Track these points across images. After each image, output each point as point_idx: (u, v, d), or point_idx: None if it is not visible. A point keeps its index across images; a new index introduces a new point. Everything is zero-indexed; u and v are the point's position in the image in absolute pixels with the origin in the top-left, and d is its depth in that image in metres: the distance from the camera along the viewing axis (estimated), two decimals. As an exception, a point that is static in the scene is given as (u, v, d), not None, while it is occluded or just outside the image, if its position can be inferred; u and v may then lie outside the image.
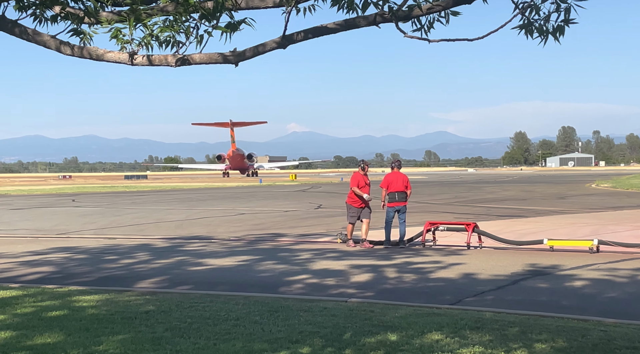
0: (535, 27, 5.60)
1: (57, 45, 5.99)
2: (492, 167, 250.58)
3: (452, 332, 6.73)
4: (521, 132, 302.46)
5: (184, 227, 21.30)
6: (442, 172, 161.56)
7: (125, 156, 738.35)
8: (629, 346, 6.25)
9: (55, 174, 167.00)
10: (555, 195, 38.41)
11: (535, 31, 5.61)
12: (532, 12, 5.57)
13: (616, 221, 20.40)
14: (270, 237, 17.54)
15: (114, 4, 6.03)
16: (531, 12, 5.57)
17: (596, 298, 9.12)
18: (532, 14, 5.58)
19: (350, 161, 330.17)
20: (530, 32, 5.62)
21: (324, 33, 5.86)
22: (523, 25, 5.62)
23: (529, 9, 5.56)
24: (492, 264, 12.07)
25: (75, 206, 34.62)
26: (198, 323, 7.21)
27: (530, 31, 5.62)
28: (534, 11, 5.57)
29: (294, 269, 11.81)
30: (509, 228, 18.21)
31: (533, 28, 5.61)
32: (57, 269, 12.38)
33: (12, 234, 19.56)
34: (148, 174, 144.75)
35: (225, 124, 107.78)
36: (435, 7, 5.72)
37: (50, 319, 7.52)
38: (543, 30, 5.59)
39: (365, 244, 15.20)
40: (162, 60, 5.81)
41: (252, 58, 5.88)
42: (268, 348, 6.19)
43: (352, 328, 6.96)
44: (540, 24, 5.58)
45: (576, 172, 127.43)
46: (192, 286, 10.31)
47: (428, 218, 19.19)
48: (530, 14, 5.58)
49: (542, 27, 5.58)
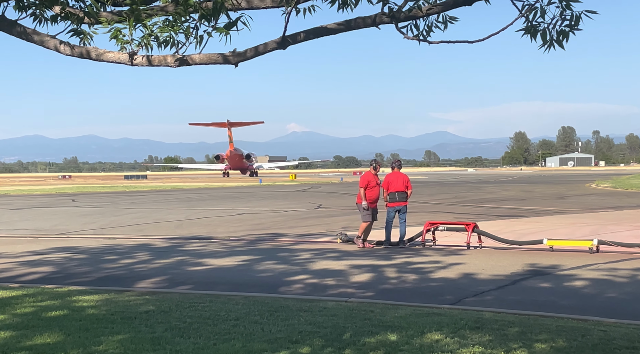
0: (539, 31, 5.58)
1: (57, 45, 5.99)
2: (491, 167, 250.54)
3: (452, 332, 6.73)
4: (521, 132, 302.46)
5: (183, 227, 21.30)
6: (441, 172, 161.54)
7: (125, 156, 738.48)
8: (628, 346, 6.26)
9: (55, 174, 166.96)
10: (555, 195, 38.41)
11: (539, 35, 5.59)
12: (536, 15, 5.56)
13: (616, 221, 20.39)
14: (270, 237, 17.54)
15: (114, 4, 6.03)
16: (535, 15, 5.56)
17: (596, 298, 9.12)
18: (535, 17, 5.56)
19: (350, 161, 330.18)
20: (534, 35, 5.61)
21: (324, 34, 5.86)
22: (527, 28, 5.61)
23: (532, 12, 5.55)
24: (492, 264, 12.07)
25: (75, 206, 34.61)
26: (198, 323, 7.21)
27: (534, 34, 5.61)
28: (539, 14, 5.55)
29: (293, 269, 11.81)
30: (509, 228, 18.21)
31: (537, 31, 5.59)
32: (57, 269, 12.38)
33: (11, 234, 19.56)
34: (148, 174, 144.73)
35: (223, 124, 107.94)
36: (434, 8, 5.72)
37: (50, 319, 7.52)
38: (547, 35, 5.57)
39: (366, 244, 15.22)
40: (161, 61, 5.81)
41: (252, 58, 5.88)
42: (268, 348, 6.19)
43: (352, 328, 6.96)
44: (545, 28, 5.56)
45: (576, 172, 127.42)
46: (192, 286, 10.32)
47: (428, 218, 19.20)
48: (534, 17, 5.57)
49: (546, 32, 5.56)
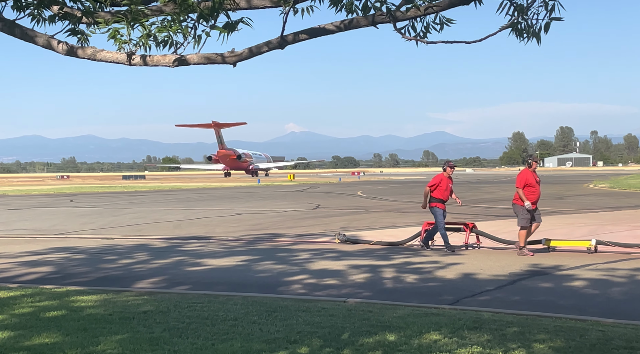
0: (523, 27, 5.60)
1: (55, 45, 5.98)
2: (490, 167, 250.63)
3: (451, 332, 6.73)
4: (519, 133, 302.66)
5: (182, 227, 21.28)
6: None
7: (123, 156, 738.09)
8: (626, 346, 6.26)
9: (53, 174, 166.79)
10: (553, 195, 38.42)
11: (524, 32, 5.62)
12: (518, 13, 5.58)
13: (614, 221, 20.41)
14: (269, 238, 17.53)
15: (112, 4, 6.02)
16: (515, 12, 5.59)
17: (594, 298, 9.13)
18: (519, 16, 5.59)
19: (348, 161, 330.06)
20: (519, 33, 5.63)
21: (322, 34, 5.86)
22: (511, 24, 5.63)
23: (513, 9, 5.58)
24: (490, 264, 12.08)
25: (74, 206, 34.57)
26: (196, 323, 7.20)
27: (520, 32, 5.63)
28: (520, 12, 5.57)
29: (292, 269, 11.81)
30: (507, 228, 18.20)
31: (521, 28, 5.61)
32: (56, 269, 12.36)
33: (10, 235, 19.53)
34: (146, 175, 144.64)
35: (209, 125, 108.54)
36: (432, 7, 5.72)
37: (49, 319, 7.51)
38: (529, 30, 5.60)
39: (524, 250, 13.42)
40: (159, 61, 5.80)
41: (250, 58, 5.88)
42: (266, 348, 6.19)
43: (350, 328, 6.96)
44: (527, 24, 5.59)
45: (574, 172, 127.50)
46: (191, 286, 10.31)
47: (426, 218, 19.18)
48: (518, 15, 5.59)
49: (528, 27, 5.59)
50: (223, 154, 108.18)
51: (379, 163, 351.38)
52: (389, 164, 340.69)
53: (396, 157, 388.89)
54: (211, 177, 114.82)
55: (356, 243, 15.57)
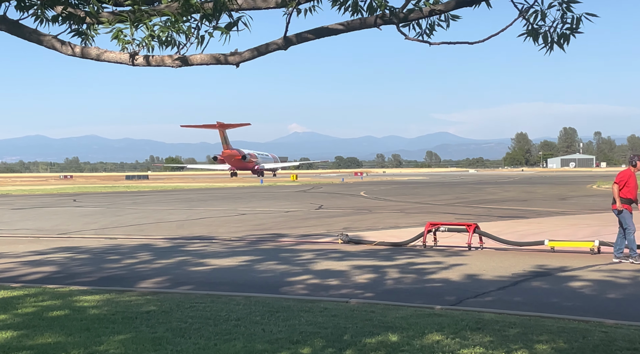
0: (541, 33, 5.57)
1: (59, 46, 5.99)
2: (493, 168, 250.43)
3: (453, 333, 6.73)
4: (522, 133, 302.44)
5: (185, 227, 21.31)
6: (443, 173, 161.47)
7: (126, 156, 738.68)
8: (629, 347, 6.25)
9: (57, 174, 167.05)
10: (556, 196, 38.38)
11: (540, 38, 5.58)
12: (537, 18, 5.54)
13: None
14: (272, 238, 17.54)
15: (115, 4, 6.03)
16: (535, 18, 5.54)
17: (597, 299, 9.12)
18: (536, 20, 5.55)
19: (351, 161, 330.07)
20: (535, 38, 5.60)
21: (325, 34, 5.86)
22: (529, 31, 5.59)
23: (533, 15, 5.54)
24: (493, 265, 12.07)
25: (77, 206, 34.63)
26: (199, 323, 7.21)
27: (536, 37, 5.59)
28: (539, 17, 5.53)
29: (295, 270, 11.81)
30: (510, 229, 18.19)
31: (538, 34, 5.58)
32: (59, 269, 12.39)
33: (13, 234, 19.58)
34: (149, 175, 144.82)
35: (214, 126, 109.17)
36: (437, 10, 5.72)
37: (52, 319, 7.53)
38: (548, 38, 5.56)
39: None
40: (162, 61, 5.81)
41: (253, 59, 5.88)
42: (269, 349, 6.19)
43: (352, 328, 6.96)
44: (546, 31, 5.55)
45: (577, 173, 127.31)
46: (193, 286, 10.32)
47: (429, 219, 19.18)
48: (534, 20, 5.55)
49: (547, 35, 5.55)
50: (228, 154, 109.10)
51: (382, 164, 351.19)
52: (391, 164, 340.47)
53: (399, 158, 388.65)
54: (214, 177, 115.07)
55: (359, 244, 15.56)
